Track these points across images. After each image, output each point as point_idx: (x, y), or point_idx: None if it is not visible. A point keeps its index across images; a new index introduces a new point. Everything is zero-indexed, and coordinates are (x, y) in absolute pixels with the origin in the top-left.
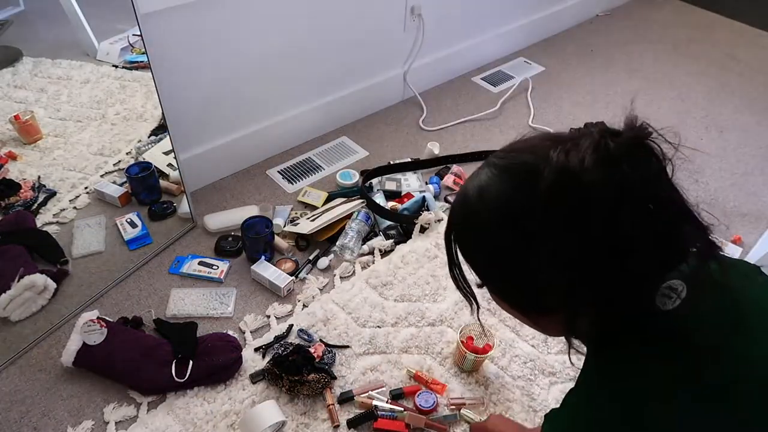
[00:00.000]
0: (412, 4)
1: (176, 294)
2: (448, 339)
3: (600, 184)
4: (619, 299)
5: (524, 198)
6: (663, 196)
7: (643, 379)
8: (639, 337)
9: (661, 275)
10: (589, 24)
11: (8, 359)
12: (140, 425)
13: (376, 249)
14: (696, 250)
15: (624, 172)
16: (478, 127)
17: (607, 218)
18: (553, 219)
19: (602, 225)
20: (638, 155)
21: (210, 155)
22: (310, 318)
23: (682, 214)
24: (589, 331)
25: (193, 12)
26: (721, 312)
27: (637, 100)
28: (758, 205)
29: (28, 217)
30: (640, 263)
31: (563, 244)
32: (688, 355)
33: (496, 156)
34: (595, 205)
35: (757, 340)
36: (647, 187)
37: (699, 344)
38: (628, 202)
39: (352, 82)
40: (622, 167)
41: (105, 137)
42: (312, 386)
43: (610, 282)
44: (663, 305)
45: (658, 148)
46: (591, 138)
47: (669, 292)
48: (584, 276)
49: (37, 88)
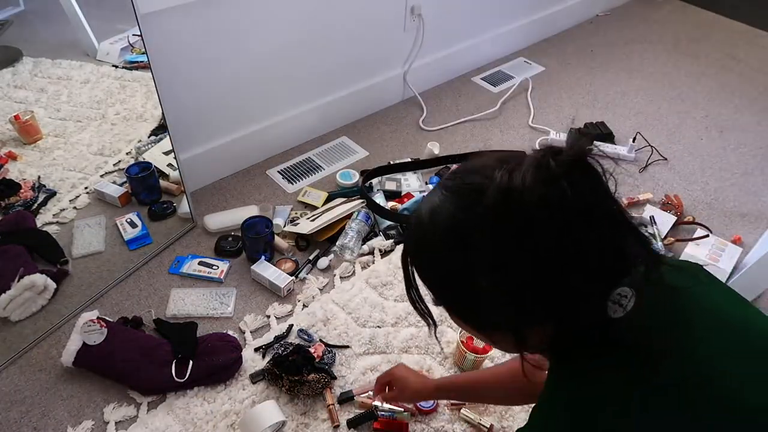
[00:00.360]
0: (412, 4)
1: (176, 294)
2: (448, 339)
3: (540, 202)
4: (568, 314)
5: (470, 218)
6: (603, 211)
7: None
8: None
9: (608, 288)
10: (589, 24)
11: (8, 359)
12: (140, 425)
13: (376, 249)
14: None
15: (562, 188)
16: (478, 127)
17: (548, 235)
18: (496, 238)
19: (543, 242)
20: (577, 173)
21: (210, 155)
22: (310, 318)
23: (623, 227)
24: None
25: (193, 12)
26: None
27: (637, 100)
28: (758, 205)
29: (28, 217)
30: (585, 277)
31: (507, 262)
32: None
33: (447, 177)
34: (537, 223)
35: (702, 338)
36: (586, 203)
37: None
38: (567, 218)
39: (352, 82)
40: (561, 184)
41: (105, 137)
42: (312, 386)
43: (556, 298)
44: (614, 313)
45: (599, 165)
46: (533, 157)
47: (619, 299)
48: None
49: (37, 88)
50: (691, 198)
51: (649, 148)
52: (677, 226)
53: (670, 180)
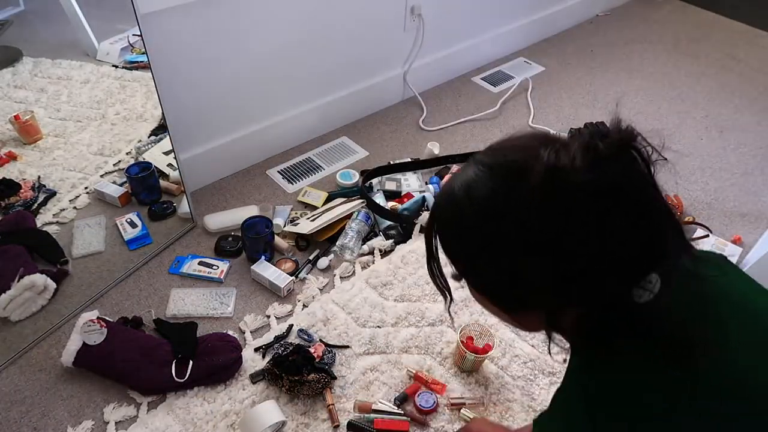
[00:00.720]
0: (412, 4)
1: (176, 294)
2: (448, 339)
3: (590, 183)
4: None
5: (513, 194)
6: (649, 197)
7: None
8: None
9: (644, 274)
10: (589, 24)
11: (8, 359)
12: (140, 425)
13: (376, 249)
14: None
15: (614, 172)
16: (478, 127)
17: (596, 218)
18: (541, 216)
19: (591, 224)
20: (626, 157)
21: (210, 155)
22: (310, 318)
23: (664, 215)
24: (570, 328)
25: (193, 12)
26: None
27: (637, 100)
28: (758, 205)
29: (28, 217)
30: (627, 263)
31: (550, 241)
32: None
33: (483, 154)
34: (585, 204)
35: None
36: (635, 188)
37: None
38: (616, 202)
39: (352, 82)
40: (612, 167)
41: (105, 137)
42: (312, 386)
43: (595, 281)
44: (639, 298)
45: (645, 151)
46: (581, 139)
47: (644, 283)
48: (569, 273)
49: (37, 88)
50: (691, 198)
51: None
52: None
53: (670, 180)
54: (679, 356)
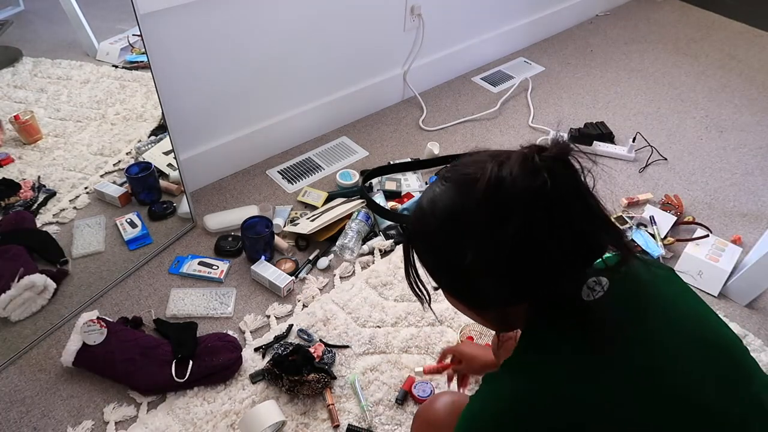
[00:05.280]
0: (412, 4)
1: (176, 294)
2: (448, 339)
3: (526, 190)
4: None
5: (464, 204)
6: (580, 203)
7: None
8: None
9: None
10: (589, 24)
11: (8, 359)
12: (140, 425)
13: (376, 249)
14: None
15: (543, 180)
16: (478, 127)
17: (528, 219)
18: (486, 221)
19: (525, 226)
20: (558, 167)
21: (210, 155)
22: (310, 318)
23: (597, 219)
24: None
25: (193, 12)
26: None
27: (637, 100)
28: (758, 205)
29: (28, 217)
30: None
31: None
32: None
33: (446, 170)
34: (521, 208)
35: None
36: (568, 194)
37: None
38: (546, 206)
39: (352, 82)
40: (542, 176)
41: (105, 137)
42: (312, 386)
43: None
44: (586, 296)
45: (578, 163)
46: (521, 153)
47: (593, 284)
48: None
49: (37, 88)
50: (691, 198)
51: (649, 148)
52: (677, 226)
53: (670, 180)
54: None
